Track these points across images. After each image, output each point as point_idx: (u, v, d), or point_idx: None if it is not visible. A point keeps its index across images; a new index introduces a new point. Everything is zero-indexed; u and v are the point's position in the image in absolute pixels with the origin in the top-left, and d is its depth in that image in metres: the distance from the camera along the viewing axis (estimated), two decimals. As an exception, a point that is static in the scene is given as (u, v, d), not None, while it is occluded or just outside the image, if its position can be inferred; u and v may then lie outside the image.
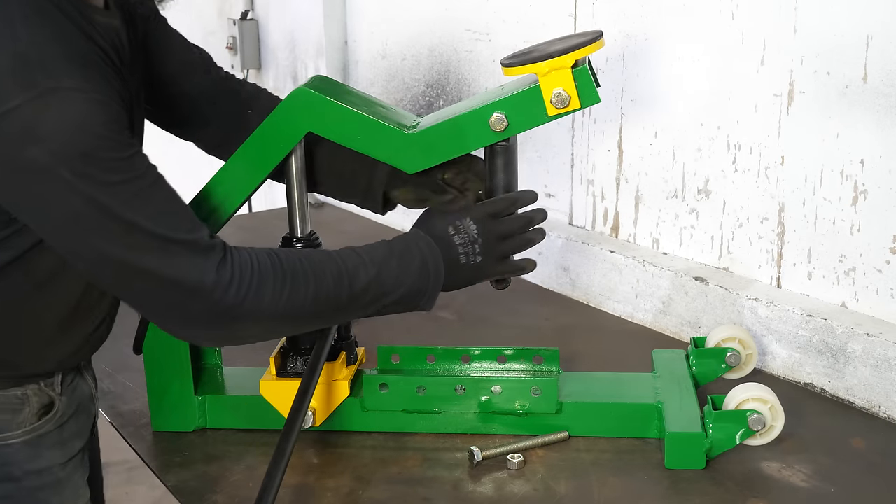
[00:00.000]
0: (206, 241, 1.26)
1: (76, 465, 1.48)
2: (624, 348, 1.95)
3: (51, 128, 1.12)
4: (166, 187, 1.24)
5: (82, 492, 1.49)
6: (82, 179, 1.15)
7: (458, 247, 1.44)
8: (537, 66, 1.38)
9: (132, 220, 1.19)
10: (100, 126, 1.15)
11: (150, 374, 1.62)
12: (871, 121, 1.67)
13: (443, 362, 1.66)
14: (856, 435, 1.61)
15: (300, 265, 1.34)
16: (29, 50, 1.14)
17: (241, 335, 1.35)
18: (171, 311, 1.28)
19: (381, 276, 1.38)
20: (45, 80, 1.13)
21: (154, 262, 1.22)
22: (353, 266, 1.37)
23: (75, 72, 1.16)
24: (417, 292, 1.41)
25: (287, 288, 1.31)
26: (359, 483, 1.48)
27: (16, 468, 1.39)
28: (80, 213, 1.17)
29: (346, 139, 1.47)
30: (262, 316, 1.30)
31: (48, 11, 1.20)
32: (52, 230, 1.21)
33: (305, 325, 1.41)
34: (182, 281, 1.24)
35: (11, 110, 1.12)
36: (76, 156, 1.14)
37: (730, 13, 1.87)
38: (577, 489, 1.46)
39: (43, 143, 1.12)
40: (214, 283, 1.25)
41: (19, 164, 1.14)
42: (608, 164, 2.16)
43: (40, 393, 1.41)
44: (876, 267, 1.72)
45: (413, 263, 1.41)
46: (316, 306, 1.34)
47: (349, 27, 3.01)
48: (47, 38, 1.16)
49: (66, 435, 1.45)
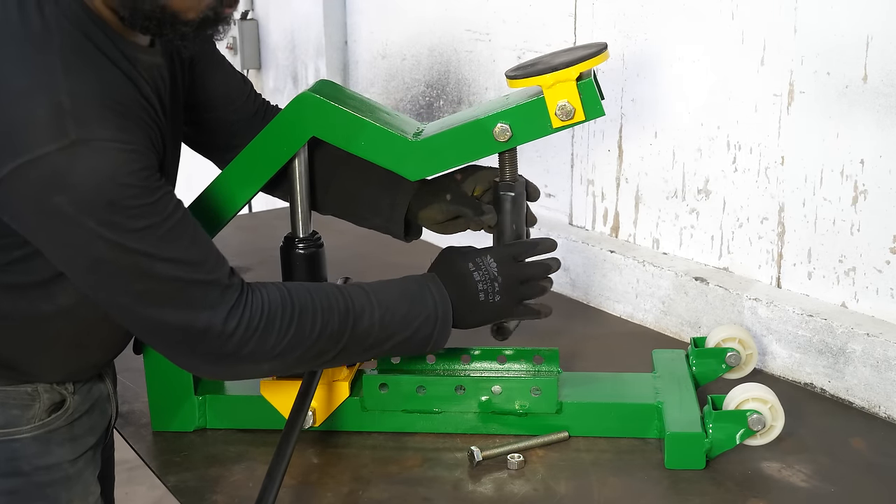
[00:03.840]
0: (224, 282, 1.28)
1: (87, 462, 1.48)
2: (624, 348, 1.95)
3: (79, 177, 1.14)
4: (191, 225, 1.26)
5: (93, 488, 1.50)
6: (107, 227, 1.17)
7: (478, 283, 1.45)
8: (542, 79, 1.39)
9: (153, 268, 1.21)
10: (128, 175, 1.17)
11: (150, 374, 1.62)
12: (871, 121, 1.67)
13: (443, 362, 1.66)
14: (856, 435, 1.61)
15: (310, 300, 1.35)
16: (65, 99, 1.15)
17: (242, 375, 1.38)
18: (177, 347, 1.30)
19: (387, 319, 1.39)
20: (78, 130, 1.14)
21: (168, 310, 1.25)
22: (360, 306, 1.38)
23: (109, 121, 1.17)
24: (424, 339, 1.43)
25: (294, 327, 1.33)
26: (359, 483, 1.48)
27: (24, 463, 1.40)
28: (102, 259, 1.20)
29: (350, 144, 1.48)
30: (262, 359, 1.32)
31: (90, 54, 1.21)
32: (74, 272, 1.24)
33: (306, 363, 1.40)
34: (192, 325, 1.26)
35: (41, 157, 1.14)
36: (102, 205, 1.16)
37: (730, 13, 1.87)
38: (577, 489, 1.46)
39: (70, 191, 1.14)
40: (222, 329, 1.27)
41: (46, 210, 1.16)
42: (608, 164, 2.16)
43: (52, 391, 1.42)
44: (876, 267, 1.72)
45: (423, 311, 1.42)
46: (319, 343, 1.35)
47: (349, 27, 3.01)
48: (86, 85, 1.18)
49: (78, 431, 1.46)
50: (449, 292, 1.44)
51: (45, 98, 1.15)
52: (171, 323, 1.26)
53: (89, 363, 1.46)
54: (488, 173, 1.55)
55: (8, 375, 1.38)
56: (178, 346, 1.30)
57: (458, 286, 1.45)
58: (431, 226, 1.60)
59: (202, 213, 1.50)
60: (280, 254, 1.59)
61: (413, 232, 1.62)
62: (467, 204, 1.54)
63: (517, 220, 1.52)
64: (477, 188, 1.55)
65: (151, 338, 1.32)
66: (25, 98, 1.15)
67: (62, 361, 1.41)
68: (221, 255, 1.30)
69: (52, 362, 1.40)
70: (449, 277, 1.46)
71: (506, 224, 1.51)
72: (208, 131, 1.62)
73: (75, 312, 1.35)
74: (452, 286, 1.45)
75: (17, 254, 1.27)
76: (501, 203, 1.51)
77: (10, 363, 1.37)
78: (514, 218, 1.51)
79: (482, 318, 1.48)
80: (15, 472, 1.40)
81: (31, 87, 1.16)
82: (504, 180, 1.51)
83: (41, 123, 1.14)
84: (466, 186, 1.55)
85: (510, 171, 1.51)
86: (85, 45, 1.21)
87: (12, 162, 1.14)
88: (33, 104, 1.15)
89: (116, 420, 1.61)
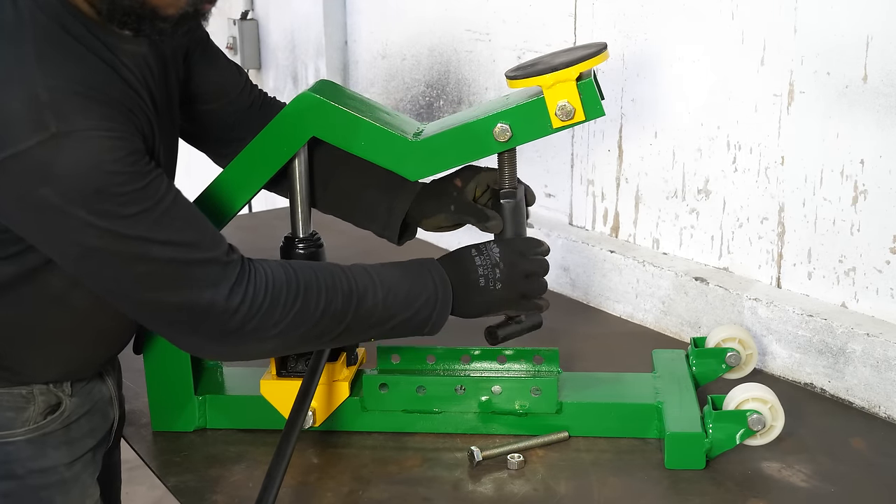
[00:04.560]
0: (224, 258, 1.27)
1: (85, 465, 1.47)
2: (624, 348, 1.95)
3: (63, 169, 1.13)
4: (184, 205, 1.25)
5: (91, 491, 1.48)
6: (98, 216, 1.16)
7: (479, 268, 1.45)
8: (542, 79, 1.39)
9: (149, 252, 1.20)
10: (115, 162, 1.15)
11: (150, 374, 1.62)
12: (871, 121, 1.67)
13: (443, 362, 1.66)
14: (856, 435, 1.61)
15: (314, 278, 1.34)
16: (42, 91, 1.14)
17: (245, 354, 1.36)
18: (179, 327, 1.29)
19: (389, 299, 1.39)
20: (59, 123, 1.13)
21: (169, 292, 1.24)
22: (363, 285, 1.37)
23: (91, 110, 1.16)
24: (423, 320, 1.42)
25: (298, 304, 1.31)
26: (359, 483, 1.48)
27: (18, 466, 1.39)
28: (96, 248, 1.19)
29: (350, 144, 1.48)
30: (266, 336, 1.31)
31: (67, 45, 1.20)
32: (69, 262, 1.23)
33: (309, 342, 1.39)
34: (195, 304, 1.25)
35: (23, 152, 1.13)
36: (90, 193, 1.15)
37: (730, 13, 1.87)
38: (577, 489, 1.46)
39: (55, 182, 1.13)
40: (226, 305, 1.26)
41: (33, 203, 1.15)
42: (608, 164, 2.16)
43: (48, 393, 1.40)
44: (876, 267, 1.72)
45: (423, 292, 1.41)
46: (322, 321, 1.34)
47: (349, 27, 3.01)
48: (63, 75, 1.16)
49: (75, 434, 1.45)
50: (449, 275, 1.44)
51: (22, 91, 1.13)
52: (173, 304, 1.24)
53: (87, 360, 1.45)
54: (487, 174, 1.55)
55: (2, 376, 1.37)
56: (180, 326, 1.28)
57: (458, 270, 1.45)
58: (433, 230, 1.61)
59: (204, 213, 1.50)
60: (280, 254, 1.59)
61: (407, 234, 1.62)
62: (471, 213, 1.53)
63: (518, 226, 1.52)
64: (477, 190, 1.55)
65: (153, 321, 1.30)
66: (1, 93, 1.14)
67: (57, 358, 1.40)
68: (218, 233, 1.29)
69: (46, 359, 1.39)
70: (450, 261, 1.46)
71: (507, 231, 1.52)
72: (202, 124, 1.61)
73: (67, 301, 1.34)
74: (453, 269, 1.45)
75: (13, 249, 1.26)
76: (503, 210, 1.52)
77: (3, 362, 1.36)
78: (515, 225, 1.52)
79: (483, 305, 1.46)
80: (8, 476, 1.38)
81: (5, 81, 1.14)
82: (504, 187, 1.52)
83: (19, 118, 1.13)
84: (468, 191, 1.55)
85: (510, 176, 1.51)
86: (62, 36, 1.20)
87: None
88: (8, 97, 1.13)
89: (123, 424, 1.60)
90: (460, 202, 1.54)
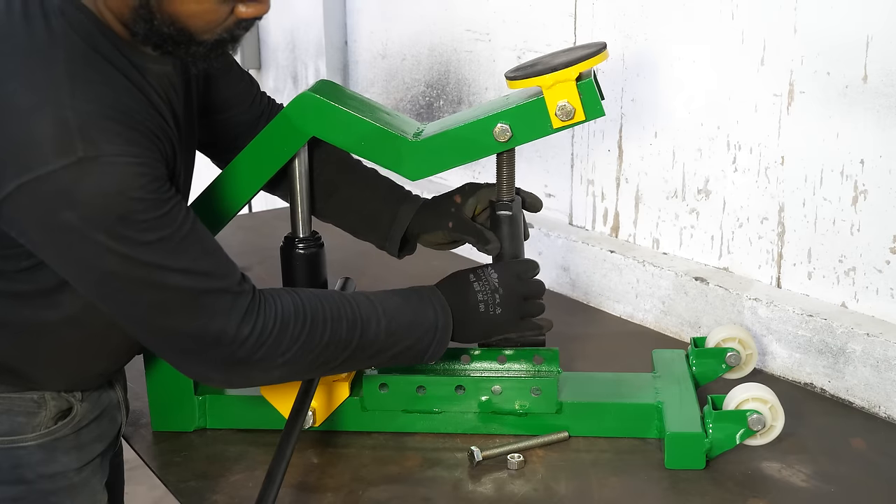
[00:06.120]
0: (236, 288, 1.27)
1: (94, 470, 1.47)
2: (624, 348, 1.95)
3: (87, 194, 1.13)
4: (201, 232, 1.25)
5: (100, 496, 1.49)
6: (118, 241, 1.16)
7: (478, 294, 1.46)
8: (542, 79, 1.39)
9: (165, 279, 1.21)
10: (138, 189, 1.16)
11: (151, 374, 1.62)
12: (871, 121, 1.67)
13: (443, 362, 1.66)
14: (856, 435, 1.61)
15: (320, 307, 1.35)
16: (71, 115, 1.14)
17: (251, 382, 1.37)
18: (188, 354, 1.30)
19: (392, 328, 1.40)
20: (85, 147, 1.13)
21: (180, 319, 1.24)
22: (366, 315, 1.38)
23: (117, 135, 1.16)
24: (424, 348, 1.43)
25: (305, 334, 1.32)
26: (359, 483, 1.48)
27: (28, 471, 1.39)
28: (113, 272, 1.19)
29: (350, 145, 1.48)
30: (272, 365, 1.32)
31: (97, 65, 1.20)
32: (84, 285, 1.23)
33: (313, 370, 1.40)
34: (205, 332, 1.26)
35: (48, 174, 1.13)
36: (112, 219, 1.15)
37: (730, 13, 1.87)
38: (577, 489, 1.46)
39: (78, 207, 1.14)
40: (235, 334, 1.26)
41: (54, 226, 1.16)
42: (608, 164, 2.16)
43: (59, 398, 1.41)
44: (876, 267, 1.72)
45: (425, 320, 1.42)
46: (327, 351, 1.35)
47: (349, 27, 3.01)
48: (93, 99, 1.16)
49: (84, 439, 1.45)
50: (449, 302, 1.45)
51: (51, 114, 1.14)
52: (184, 331, 1.25)
53: (96, 372, 1.45)
54: (487, 192, 1.56)
55: (14, 382, 1.37)
56: (188, 354, 1.29)
57: (458, 297, 1.46)
58: (432, 247, 1.62)
59: (202, 213, 1.50)
60: (280, 254, 1.59)
61: (407, 248, 1.62)
62: (470, 232, 1.54)
63: (515, 241, 1.53)
64: (477, 207, 1.56)
65: (162, 346, 1.31)
66: (31, 114, 1.14)
67: (68, 370, 1.40)
68: (232, 262, 1.29)
69: (58, 371, 1.39)
70: (450, 288, 1.47)
71: (503, 245, 1.52)
72: (213, 132, 1.61)
73: (81, 320, 1.34)
74: (453, 296, 1.46)
75: (24, 264, 1.26)
76: (499, 223, 1.52)
77: (16, 371, 1.36)
78: (512, 241, 1.52)
79: (483, 330, 1.49)
80: (19, 480, 1.38)
81: (36, 104, 1.14)
82: (501, 199, 1.52)
83: (47, 140, 1.13)
84: (468, 209, 1.55)
85: (507, 187, 1.51)
86: (92, 56, 1.20)
87: (18, 179, 1.13)
88: (39, 120, 1.14)
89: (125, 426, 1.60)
90: (459, 219, 1.54)
